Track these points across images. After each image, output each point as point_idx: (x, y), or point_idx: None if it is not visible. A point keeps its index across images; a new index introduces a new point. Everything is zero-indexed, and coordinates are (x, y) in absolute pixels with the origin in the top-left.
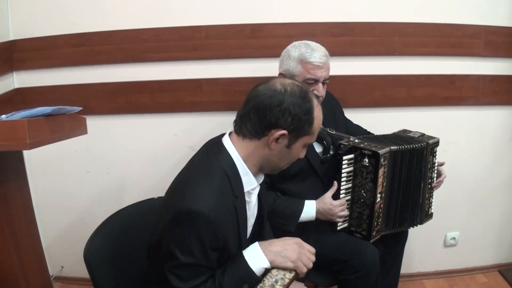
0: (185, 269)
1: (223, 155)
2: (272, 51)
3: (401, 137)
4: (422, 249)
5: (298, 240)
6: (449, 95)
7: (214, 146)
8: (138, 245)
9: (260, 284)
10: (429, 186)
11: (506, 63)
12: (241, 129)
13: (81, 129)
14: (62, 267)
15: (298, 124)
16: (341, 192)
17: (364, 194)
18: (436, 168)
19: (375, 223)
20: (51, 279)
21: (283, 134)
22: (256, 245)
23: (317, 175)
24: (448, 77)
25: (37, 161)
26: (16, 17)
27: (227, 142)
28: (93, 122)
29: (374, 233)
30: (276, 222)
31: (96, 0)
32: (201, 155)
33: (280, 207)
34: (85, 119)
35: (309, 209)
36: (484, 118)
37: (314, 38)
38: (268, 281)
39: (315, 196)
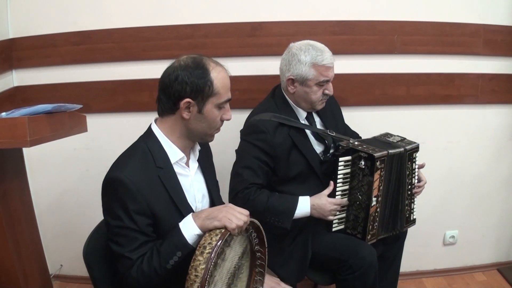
0: (119, 234)
1: (148, 136)
2: (272, 49)
3: (383, 142)
4: (421, 248)
5: (227, 204)
6: (448, 93)
7: (145, 133)
8: None
9: (193, 257)
10: (409, 192)
11: (505, 62)
12: (159, 111)
13: (81, 127)
14: (61, 265)
15: (198, 89)
16: (338, 193)
17: (360, 196)
18: (416, 173)
19: (370, 226)
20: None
21: (188, 102)
22: (189, 215)
23: (317, 176)
24: (448, 76)
25: (37, 159)
26: (15, 16)
27: (153, 125)
28: (92, 121)
29: (369, 237)
30: (271, 220)
31: None
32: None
33: (274, 204)
34: (85, 116)
35: (304, 205)
36: (484, 116)
37: (314, 37)
38: (198, 251)
39: None
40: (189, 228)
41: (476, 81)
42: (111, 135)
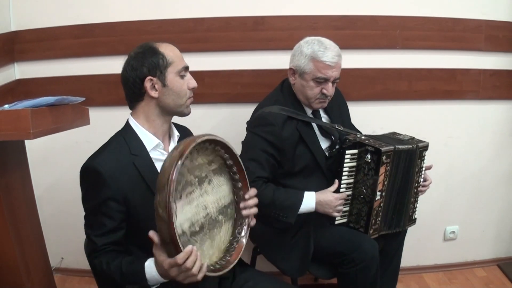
0: (90, 218)
1: (126, 129)
2: (274, 43)
3: (391, 138)
4: (421, 243)
5: (172, 260)
6: (450, 89)
7: (123, 127)
8: None
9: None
10: (415, 190)
11: (507, 57)
12: (130, 104)
13: (84, 120)
14: (62, 258)
15: (153, 65)
16: (343, 187)
17: (364, 190)
18: (423, 172)
19: (373, 221)
20: None
21: (150, 80)
22: (151, 264)
23: (322, 171)
24: (449, 71)
25: (38, 152)
26: (18, 8)
27: (129, 119)
28: (94, 114)
29: (371, 231)
30: (275, 214)
31: None
32: None
33: (280, 199)
34: (87, 109)
35: (309, 200)
36: (485, 112)
37: (316, 31)
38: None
39: None
40: (154, 277)
41: (478, 77)
42: (113, 128)
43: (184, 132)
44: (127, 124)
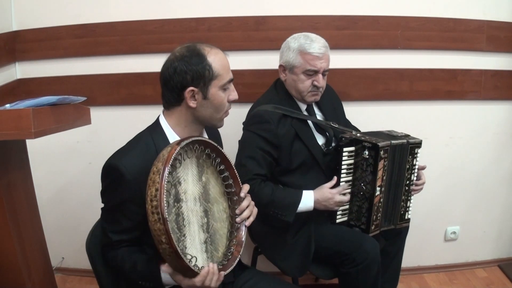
0: (107, 214)
1: (155, 128)
2: (275, 43)
3: (386, 134)
4: (422, 243)
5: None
6: (451, 89)
7: (152, 124)
8: None
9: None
10: (406, 188)
11: (508, 58)
12: (165, 105)
13: (85, 119)
14: (63, 258)
15: (198, 76)
16: (342, 184)
17: (364, 187)
18: (416, 170)
19: (374, 216)
20: None
21: (192, 90)
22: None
23: (320, 168)
24: (451, 72)
25: (39, 152)
26: (19, 8)
27: (161, 117)
28: (95, 113)
29: (373, 227)
30: (274, 213)
31: None
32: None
33: (279, 198)
34: (89, 109)
35: (307, 199)
36: (486, 112)
37: (317, 31)
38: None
39: None
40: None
41: (479, 77)
42: (114, 128)
43: (213, 136)
44: (158, 122)
